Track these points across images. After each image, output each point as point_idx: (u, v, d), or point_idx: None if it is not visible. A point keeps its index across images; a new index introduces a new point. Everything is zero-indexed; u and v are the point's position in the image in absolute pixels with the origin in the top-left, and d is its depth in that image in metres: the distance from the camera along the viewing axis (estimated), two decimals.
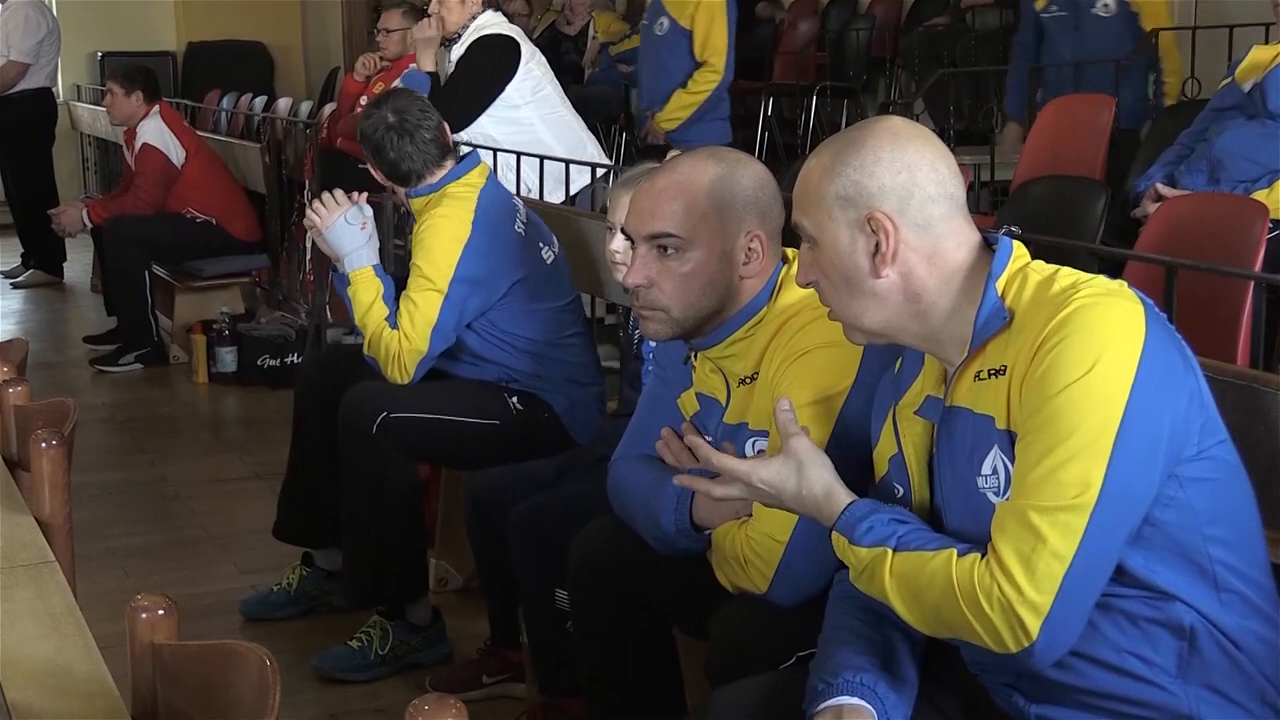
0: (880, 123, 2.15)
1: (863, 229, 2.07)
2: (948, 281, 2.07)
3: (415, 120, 4.05)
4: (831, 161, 2.10)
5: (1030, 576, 1.88)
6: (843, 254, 2.09)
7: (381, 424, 3.78)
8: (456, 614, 4.14)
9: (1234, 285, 3.71)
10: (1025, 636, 1.89)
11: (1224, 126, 4.75)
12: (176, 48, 12.79)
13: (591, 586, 2.82)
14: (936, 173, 2.08)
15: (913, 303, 2.08)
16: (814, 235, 2.12)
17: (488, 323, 3.98)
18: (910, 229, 2.06)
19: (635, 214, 2.67)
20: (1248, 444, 2.03)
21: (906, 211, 2.06)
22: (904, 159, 2.07)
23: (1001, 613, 1.90)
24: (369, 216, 4.03)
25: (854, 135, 2.13)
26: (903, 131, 2.11)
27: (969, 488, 2.05)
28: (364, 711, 3.78)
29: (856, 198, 2.07)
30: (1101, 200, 4.78)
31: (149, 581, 4.54)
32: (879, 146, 2.09)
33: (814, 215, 2.11)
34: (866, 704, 2.04)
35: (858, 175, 2.07)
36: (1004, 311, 2.02)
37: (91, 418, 6.30)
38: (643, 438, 2.83)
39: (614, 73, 10.05)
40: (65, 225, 7.96)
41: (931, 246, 2.07)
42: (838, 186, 2.08)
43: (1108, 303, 1.95)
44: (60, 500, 2.49)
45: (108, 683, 1.83)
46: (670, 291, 2.61)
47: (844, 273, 2.10)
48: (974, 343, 2.04)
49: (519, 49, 5.74)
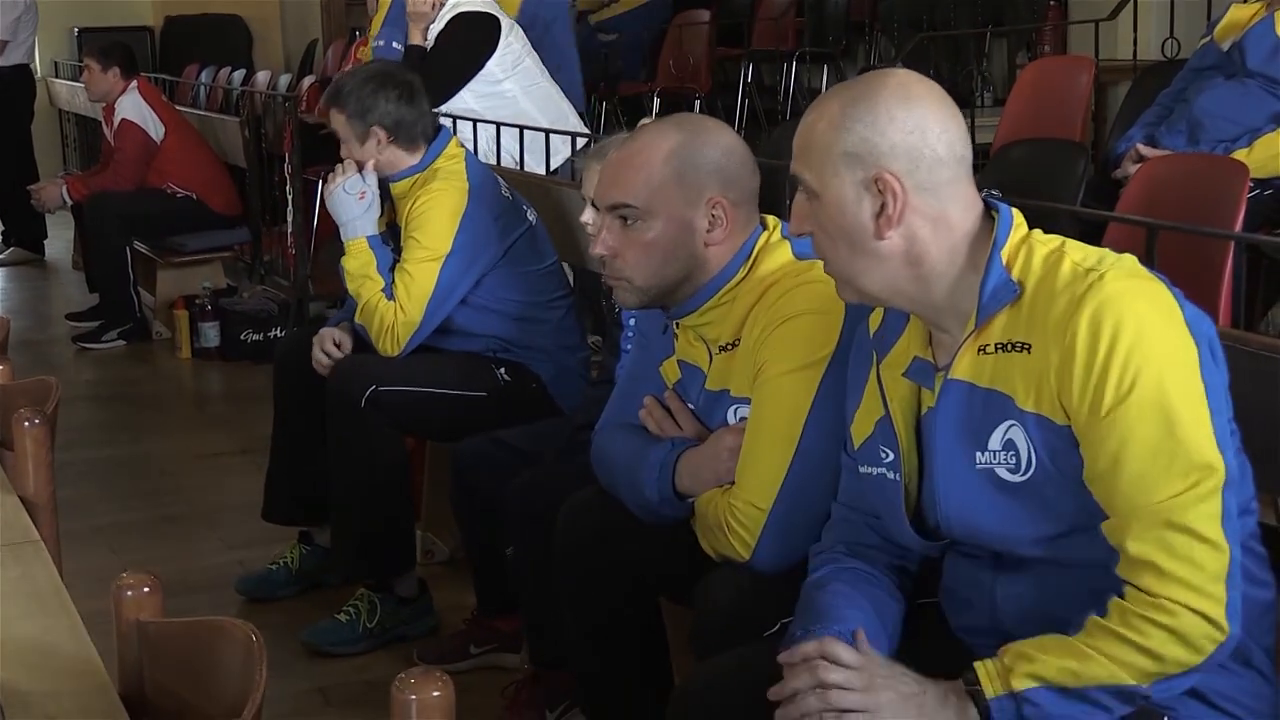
0: (891, 77, 2.08)
1: (869, 188, 2.01)
2: (953, 248, 2.03)
3: (419, 91, 4.08)
4: (840, 115, 2.03)
5: (1200, 573, 1.85)
6: (846, 212, 2.03)
7: (370, 397, 3.78)
8: (443, 586, 4.15)
9: (1215, 246, 3.71)
10: (1220, 633, 1.86)
11: (1203, 86, 4.75)
12: (154, 22, 12.74)
13: (577, 556, 2.82)
14: (948, 134, 2.03)
15: (914, 267, 2.03)
16: (816, 189, 2.05)
17: (480, 288, 3.99)
18: (918, 192, 2.00)
19: (600, 184, 2.69)
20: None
21: (915, 174, 2.00)
22: (916, 118, 2.01)
23: (1189, 617, 1.85)
24: (370, 186, 4.03)
25: (864, 89, 2.06)
26: (915, 88, 2.04)
27: (963, 461, 2.03)
28: (353, 684, 3.78)
29: (865, 156, 2.00)
30: (1082, 162, 4.78)
31: (135, 558, 4.53)
32: (891, 103, 2.02)
33: (817, 169, 2.05)
34: None
35: (868, 132, 2.00)
36: (1013, 284, 1.99)
37: (75, 395, 6.29)
38: (626, 406, 2.84)
39: (594, 41, 10.02)
40: (45, 201, 7.94)
41: (938, 211, 2.02)
42: (846, 142, 2.01)
43: (1134, 288, 1.92)
44: (44, 479, 2.49)
45: (94, 661, 1.83)
46: (633, 261, 2.62)
47: (845, 230, 2.04)
48: (981, 315, 2.00)
49: (498, 24, 5.73)
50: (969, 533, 2.08)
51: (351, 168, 4.02)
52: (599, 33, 10.07)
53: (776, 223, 2.69)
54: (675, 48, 9.64)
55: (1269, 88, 4.59)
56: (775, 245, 2.64)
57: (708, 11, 9.97)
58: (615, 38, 9.89)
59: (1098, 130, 6.66)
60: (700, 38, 9.62)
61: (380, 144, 4.03)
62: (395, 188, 4.07)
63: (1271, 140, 4.47)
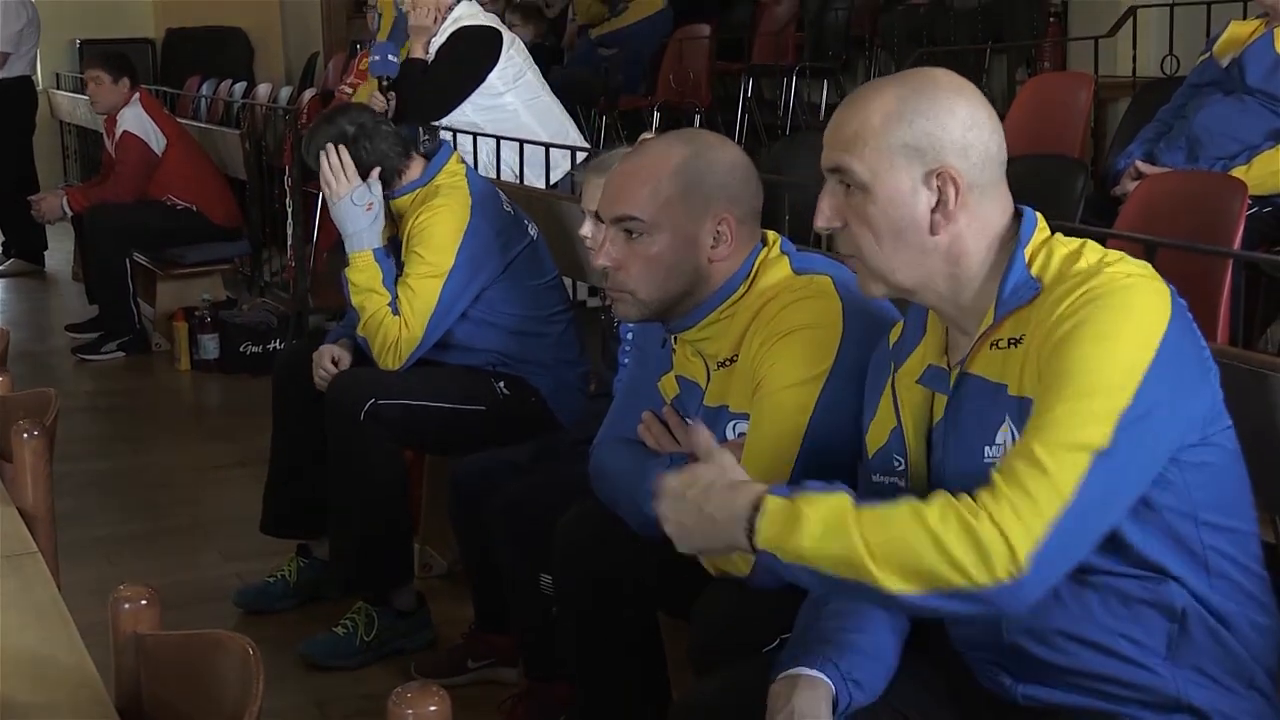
0: (939, 73, 2.07)
1: (928, 182, 2.00)
2: (989, 248, 2.02)
3: (371, 123, 4.07)
4: (899, 106, 2.00)
5: (1030, 503, 1.81)
6: (901, 205, 2.00)
7: (369, 410, 3.78)
8: (440, 600, 4.15)
9: (1214, 263, 3.71)
10: (1014, 565, 1.79)
11: (1202, 103, 4.75)
12: (155, 34, 12.76)
13: (575, 570, 2.82)
14: (997, 133, 2.03)
15: (952, 265, 2.02)
16: (866, 181, 2.01)
17: (481, 302, 3.99)
18: (970, 189, 2.00)
19: (604, 196, 2.68)
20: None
21: (972, 170, 2.00)
22: (976, 115, 2.01)
23: (994, 532, 1.80)
24: (377, 197, 4.02)
25: (920, 81, 2.04)
26: (966, 87, 2.04)
27: (975, 456, 2.02)
28: (350, 698, 3.78)
29: (928, 149, 1.99)
30: (1081, 179, 4.78)
31: (132, 570, 4.53)
32: (951, 97, 2.01)
33: (870, 160, 2.00)
34: (823, 675, 2.04)
35: (930, 125, 1.99)
36: (1034, 282, 1.98)
37: (74, 406, 6.29)
38: (624, 421, 2.84)
39: (593, 55, 10.03)
40: (45, 212, 7.94)
41: (984, 210, 2.02)
42: (907, 134, 1.99)
43: (1137, 282, 1.93)
44: (43, 490, 2.49)
45: (91, 674, 1.83)
46: (636, 274, 2.62)
47: (895, 224, 2.01)
48: (999, 311, 1.99)
49: (500, 38, 5.74)
50: None
51: (356, 178, 4.00)
52: (599, 47, 10.07)
53: (776, 238, 2.70)
54: (675, 62, 9.64)
55: (1268, 105, 4.59)
56: (774, 260, 2.64)
57: (708, 26, 9.97)
58: (615, 52, 9.89)
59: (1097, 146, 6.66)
60: (700, 52, 9.62)
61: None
62: (396, 203, 4.06)
63: (1270, 157, 4.47)
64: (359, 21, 11.28)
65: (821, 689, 2.04)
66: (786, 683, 2.05)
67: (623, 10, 10.17)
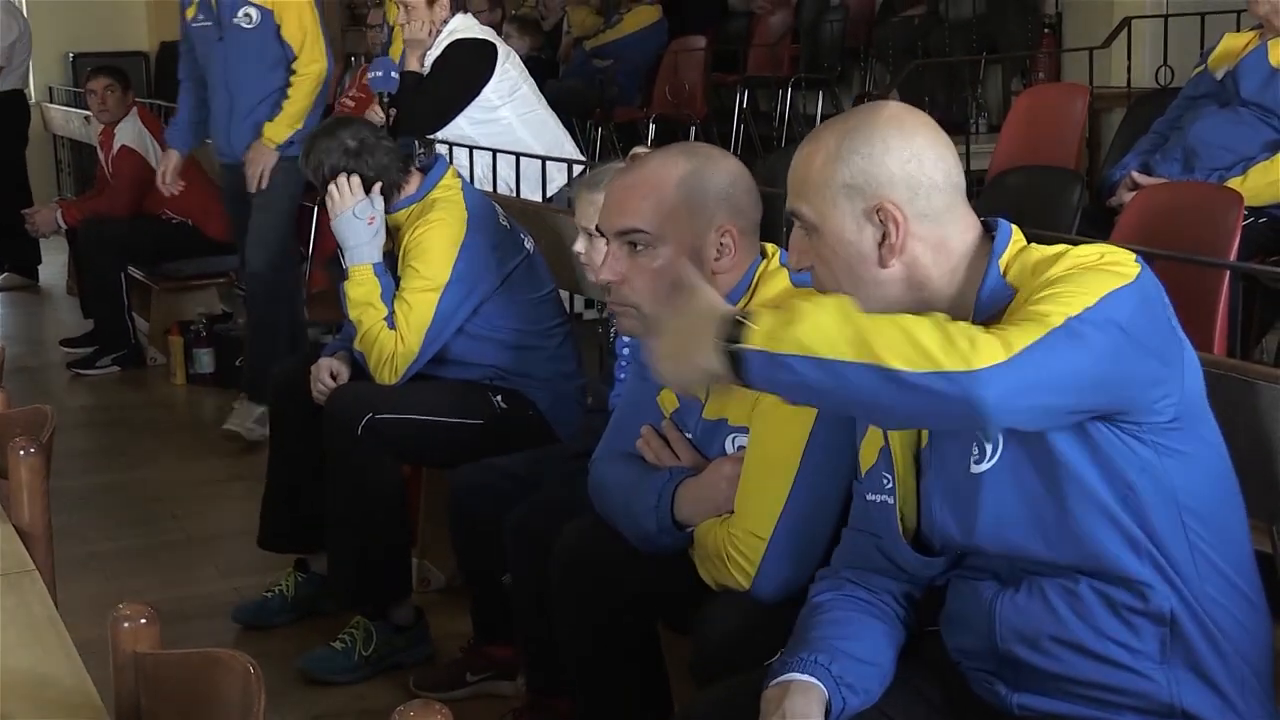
0: (883, 109, 2.11)
1: (870, 218, 2.03)
2: (953, 270, 2.05)
3: (372, 138, 4.07)
4: (837, 148, 2.05)
5: (1017, 330, 1.87)
6: (847, 243, 2.05)
7: (367, 425, 3.78)
8: (439, 613, 4.14)
9: (1210, 274, 3.72)
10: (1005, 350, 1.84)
11: (1197, 114, 4.77)
12: (149, 47, 12.74)
13: (575, 584, 2.82)
14: (943, 161, 2.06)
15: (916, 291, 2.05)
16: (815, 223, 2.07)
17: (477, 317, 3.98)
18: (917, 219, 2.03)
19: (606, 210, 2.68)
20: (1226, 433, 2.04)
21: (915, 201, 2.03)
22: (912, 147, 2.04)
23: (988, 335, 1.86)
24: (379, 211, 4.01)
25: (858, 121, 2.08)
26: (908, 119, 2.07)
27: (960, 468, 2.04)
28: (349, 713, 3.77)
29: (864, 186, 2.03)
30: (1077, 190, 4.79)
31: (130, 586, 4.53)
32: (887, 134, 2.04)
33: (816, 202, 2.06)
34: (816, 680, 2.05)
35: (865, 164, 2.03)
36: (1008, 288, 2.01)
37: (69, 421, 6.27)
38: (623, 435, 2.84)
39: (589, 67, 10.04)
40: (39, 225, 7.94)
41: (938, 236, 2.04)
42: (844, 174, 2.04)
43: (1107, 250, 1.97)
44: (40, 508, 2.48)
45: (90, 693, 1.82)
46: (640, 288, 2.62)
47: (847, 261, 2.06)
48: (976, 317, 2.01)
49: (495, 51, 5.74)
50: (966, 537, 2.07)
51: (359, 191, 4.00)
52: (594, 58, 10.08)
53: (775, 250, 2.70)
54: (671, 74, 9.65)
55: (1263, 116, 4.60)
56: (774, 273, 2.65)
57: (703, 38, 9.98)
58: (610, 63, 9.89)
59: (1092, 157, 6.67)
60: (696, 64, 9.63)
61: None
62: (392, 218, 4.05)
63: (1266, 169, 4.49)
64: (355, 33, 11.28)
65: (814, 694, 2.04)
66: (780, 689, 2.06)
67: (618, 22, 10.18)
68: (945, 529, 2.09)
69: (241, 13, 5.84)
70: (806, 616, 2.21)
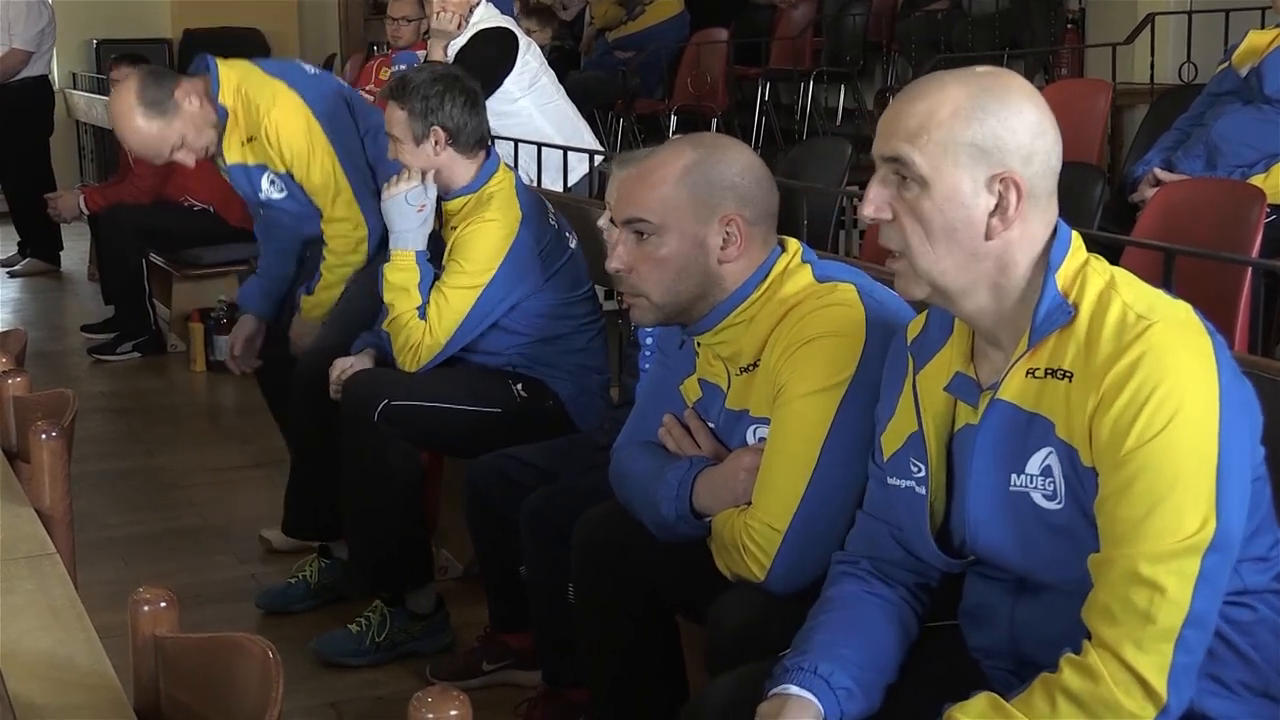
0: (1015, 76, 2.01)
1: (990, 186, 1.94)
2: (1033, 261, 1.97)
3: (481, 100, 4.00)
4: (970, 104, 1.94)
5: (1150, 631, 1.82)
6: (959, 204, 1.94)
7: (383, 411, 3.77)
8: (457, 601, 4.14)
9: (1232, 271, 3.71)
10: (1154, 704, 1.82)
11: (1221, 111, 4.76)
12: (172, 35, 12.76)
13: (593, 572, 2.83)
14: (1059, 145, 1.99)
15: (1000, 274, 1.97)
16: (926, 176, 1.94)
17: (513, 313, 3.93)
18: (1029, 198, 1.95)
19: (617, 199, 2.73)
20: None
21: (1033, 179, 1.95)
22: (1045, 123, 1.96)
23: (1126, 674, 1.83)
24: (431, 200, 3.93)
25: (993, 81, 1.98)
26: (1036, 93, 1.98)
27: (997, 481, 2.00)
28: (365, 699, 3.78)
29: (994, 151, 1.93)
30: (1099, 186, 4.77)
31: (148, 571, 4.54)
32: (1024, 103, 1.95)
33: (933, 155, 1.94)
34: (813, 697, 2.04)
35: (999, 128, 1.93)
36: (1067, 307, 1.94)
37: (89, 407, 6.29)
38: (645, 424, 2.84)
39: (610, 59, 10.04)
40: (61, 211, 7.95)
41: (1036, 221, 1.97)
42: (975, 133, 1.93)
43: (1180, 340, 1.88)
44: (60, 491, 2.49)
45: (110, 676, 1.83)
46: (647, 276, 2.63)
47: (950, 224, 1.95)
48: (1034, 336, 1.96)
49: (516, 41, 5.74)
50: (993, 554, 2.06)
51: (415, 176, 3.94)
52: (616, 50, 10.08)
53: (797, 245, 2.70)
54: (693, 66, 9.65)
55: None
56: (796, 269, 2.64)
57: (725, 30, 9.98)
58: (632, 55, 9.89)
59: (1114, 153, 6.65)
60: (718, 56, 9.63)
61: (438, 146, 3.91)
62: (448, 205, 3.97)
63: None
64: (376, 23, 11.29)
65: (810, 710, 2.04)
66: (775, 702, 2.05)
67: (640, 14, 10.17)
68: (974, 536, 2.06)
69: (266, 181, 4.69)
70: (818, 611, 2.21)
